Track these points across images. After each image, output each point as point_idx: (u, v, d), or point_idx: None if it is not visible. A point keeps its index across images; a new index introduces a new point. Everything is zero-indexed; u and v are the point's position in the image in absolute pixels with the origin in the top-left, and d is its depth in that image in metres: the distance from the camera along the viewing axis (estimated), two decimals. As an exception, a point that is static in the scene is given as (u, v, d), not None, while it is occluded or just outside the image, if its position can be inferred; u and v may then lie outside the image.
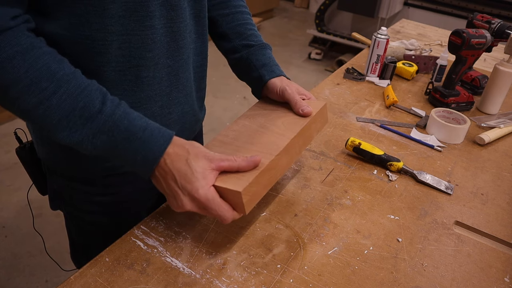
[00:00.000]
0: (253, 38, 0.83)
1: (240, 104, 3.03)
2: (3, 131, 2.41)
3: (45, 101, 0.53)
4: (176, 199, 0.59)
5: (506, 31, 1.16)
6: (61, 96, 0.53)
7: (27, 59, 0.52)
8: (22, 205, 1.93)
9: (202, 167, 0.58)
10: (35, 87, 0.52)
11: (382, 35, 1.27)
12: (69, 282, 0.58)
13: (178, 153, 0.59)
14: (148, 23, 0.61)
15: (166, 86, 0.70)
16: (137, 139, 0.57)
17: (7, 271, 1.62)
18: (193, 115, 0.81)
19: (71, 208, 0.82)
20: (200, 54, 0.77)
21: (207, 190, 0.57)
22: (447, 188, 0.84)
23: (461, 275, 0.66)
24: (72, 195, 0.78)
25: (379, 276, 0.64)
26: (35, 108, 0.53)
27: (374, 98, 1.21)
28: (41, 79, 0.52)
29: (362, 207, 0.78)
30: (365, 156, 0.89)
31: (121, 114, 0.57)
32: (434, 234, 0.74)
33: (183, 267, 0.62)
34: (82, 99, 0.55)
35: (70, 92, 0.54)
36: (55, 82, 0.53)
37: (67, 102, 0.54)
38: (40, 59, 0.53)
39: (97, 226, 0.82)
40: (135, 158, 0.58)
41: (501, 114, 1.17)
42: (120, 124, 0.56)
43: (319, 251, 0.67)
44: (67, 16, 0.56)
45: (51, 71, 0.53)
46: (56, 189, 0.80)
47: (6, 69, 0.51)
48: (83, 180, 0.76)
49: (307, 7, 5.48)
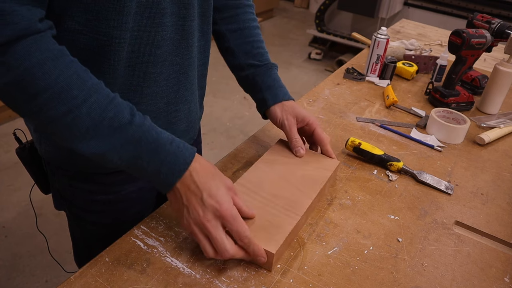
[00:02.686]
0: (259, 57, 0.84)
1: (240, 104, 3.02)
2: (3, 131, 2.41)
3: (75, 110, 0.52)
4: (193, 212, 0.57)
5: (506, 31, 1.16)
6: (92, 105, 0.53)
7: (57, 65, 0.51)
8: (22, 205, 1.93)
9: (224, 185, 0.59)
10: (66, 95, 0.51)
11: (382, 35, 1.27)
12: (69, 282, 0.58)
13: (204, 168, 0.59)
14: (159, 20, 0.62)
15: (173, 83, 0.71)
16: (164, 151, 0.57)
17: (7, 271, 1.62)
18: (196, 113, 0.82)
19: (74, 208, 0.82)
20: (204, 53, 0.77)
21: (232, 206, 0.58)
22: (447, 188, 0.84)
23: (461, 275, 0.66)
24: (75, 194, 0.78)
25: (379, 276, 0.64)
26: (64, 116, 0.52)
27: (374, 98, 1.21)
28: (72, 87, 0.51)
29: (362, 207, 0.78)
30: (365, 156, 0.89)
31: (150, 126, 0.57)
32: (434, 234, 0.74)
33: (183, 267, 0.62)
34: (112, 109, 0.54)
35: (100, 101, 0.53)
36: (85, 90, 0.52)
37: (97, 112, 0.53)
38: (70, 66, 0.52)
39: (99, 226, 0.82)
40: (160, 170, 0.57)
41: (501, 114, 1.17)
42: (149, 136, 0.56)
43: (319, 251, 0.67)
44: (84, 13, 0.56)
45: (81, 79, 0.53)
46: (59, 189, 0.80)
47: (37, 75, 0.49)
48: (85, 178, 0.76)
49: (307, 7, 5.49)
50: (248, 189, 0.72)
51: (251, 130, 2.67)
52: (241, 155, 0.89)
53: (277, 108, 0.81)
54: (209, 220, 0.57)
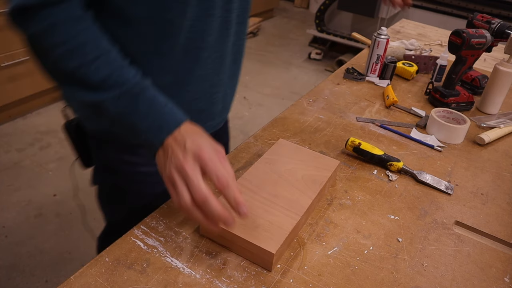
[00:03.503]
0: None
1: (240, 104, 3.03)
2: (3, 131, 2.41)
3: (87, 64, 0.59)
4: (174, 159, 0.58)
5: (506, 31, 1.16)
6: (102, 62, 0.60)
7: (78, 25, 0.58)
8: (22, 205, 1.93)
9: (211, 144, 0.61)
10: (81, 50, 0.58)
11: (382, 35, 1.27)
12: (69, 282, 0.58)
13: (195, 129, 0.63)
14: (211, 12, 0.71)
15: (216, 67, 0.79)
16: (158, 110, 0.62)
17: (7, 271, 1.62)
18: (229, 96, 0.91)
19: (118, 179, 0.87)
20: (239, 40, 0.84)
21: (213, 153, 0.59)
22: (447, 188, 0.84)
23: (461, 275, 0.66)
24: (120, 165, 0.84)
25: (379, 276, 0.64)
26: (75, 70, 0.59)
27: (374, 98, 1.21)
28: (87, 44, 0.59)
29: (362, 207, 0.78)
30: (365, 156, 0.89)
31: (149, 85, 0.63)
32: (434, 234, 0.74)
33: (183, 267, 0.62)
34: (120, 68, 0.61)
35: (111, 60, 0.61)
36: (98, 49, 0.60)
37: (106, 69, 0.60)
38: (89, 29, 0.60)
39: (140, 197, 0.87)
40: (150, 128, 0.61)
41: (501, 114, 1.17)
42: (147, 92, 0.62)
43: (319, 251, 0.67)
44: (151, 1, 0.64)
45: (97, 40, 0.60)
46: (104, 161, 0.86)
47: (57, 31, 0.57)
48: (130, 151, 0.82)
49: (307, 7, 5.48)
50: (248, 189, 0.72)
51: (251, 130, 2.66)
52: (241, 155, 0.89)
53: None
54: (188, 162, 0.57)
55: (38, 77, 2.49)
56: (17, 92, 2.43)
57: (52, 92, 2.69)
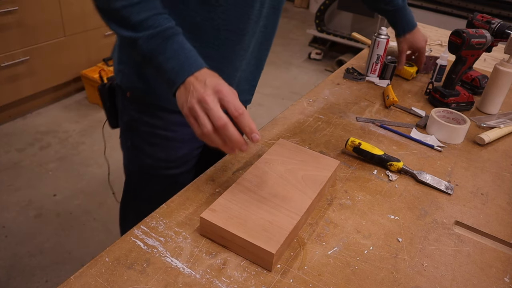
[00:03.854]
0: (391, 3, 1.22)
1: (240, 104, 3.02)
2: (3, 131, 2.41)
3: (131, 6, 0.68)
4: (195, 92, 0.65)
5: (506, 31, 1.16)
6: (144, 6, 0.69)
7: None
8: (22, 205, 1.93)
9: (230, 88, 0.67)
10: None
11: (382, 35, 1.27)
12: (69, 282, 0.58)
13: (213, 73, 0.69)
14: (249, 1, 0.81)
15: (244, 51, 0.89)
16: (184, 53, 0.70)
17: (7, 271, 1.62)
18: (248, 83, 1.00)
19: (136, 139, 0.97)
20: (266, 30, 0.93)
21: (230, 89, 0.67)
22: (447, 188, 0.84)
23: (461, 275, 0.66)
24: (140, 127, 0.94)
25: (379, 276, 0.64)
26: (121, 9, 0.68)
27: (374, 98, 1.21)
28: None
29: (362, 207, 0.78)
30: (365, 156, 0.89)
31: (180, 32, 0.71)
32: (434, 234, 0.74)
33: (183, 267, 0.62)
34: (158, 14, 0.70)
35: (152, 5, 0.70)
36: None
37: (147, 11, 0.69)
38: None
39: (154, 159, 0.97)
40: (175, 65, 0.68)
41: (501, 114, 1.17)
42: (176, 37, 0.70)
43: (319, 251, 0.67)
44: None
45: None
46: (127, 121, 0.96)
47: None
48: (152, 113, 0.91)
49: (307, 7, 5.49)
50: (248, 189, 0.72)
51: (251, 130, 2.66)
52: (241, 155, 0.89)
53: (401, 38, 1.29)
54: (209, 94, 0.64)
55: (38, 77, 2.49)
56: (17, 92, 2.43)
57: (52, 92, 2.69)
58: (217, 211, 0.66)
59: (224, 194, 0.70)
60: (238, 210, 0.67)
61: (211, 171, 0.83)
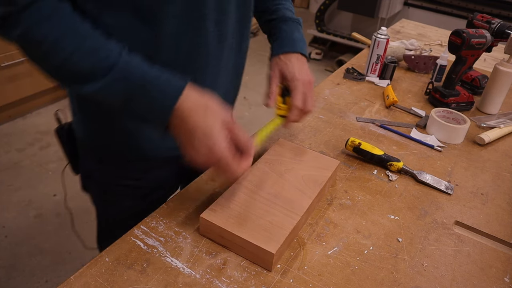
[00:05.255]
0: (276, 12, 0.88)
1: (240, 104, 3.02)
2: (3, 131, 2.41)
3: (70, 57, 0.57)
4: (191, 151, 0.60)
5: (506, 31, 1.16)
6: (85, 50, 0.57)
7: (53, 20, 0.56)
8: (22, 205, 1.93)
9: (218, 123, 0.60)
10: (62, 43, 0.56)
11: (382, 35, 1.27)
12: (69, 282, 0.58)
13: (193, 106, 0.59)
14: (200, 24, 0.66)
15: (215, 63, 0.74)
16: (153, 86, 0.59)
17: (7, 271, 1.62)
18: (234, 95, 0.88)
19: (100, 189, 0.86)
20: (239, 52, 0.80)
21: (223, 147, 0.59)
22: (447, 188, 0.84)
23: (461, 275, 0.66)
24: (102, 176, 0.83)
25: (379, 276, 0.64)
26: (63, 63, 0.57)
27: (374, 98, 1.21)
28: (66, 35, 0.56)
29: (362, 207, 0.78)
30: (365, 156, 0.89)
31: (138, 62, 0.59)
32: (434, 234, 0.73)
33: (183, 267, 0.62)
34: (104, 52, 0.58)
35: (93, 45, 0.58)
36: (78, 37, 0.57)
37: (91, 55, 0.57)
38: (64, 19, 0.57)
39: (122, 209, 0.86)
40: (152, 106, 0.59)
41: (501, 114, 1.17)
42: (135, 71, 0.58)
43: (319, 251, 0.67)
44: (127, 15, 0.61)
45: (75, 28, 0.57)
46: (87, 169, 0.85)
47: (36, 31, 0.55)
48: (115, 162, 0.81)
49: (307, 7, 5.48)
50: (248, 189, 0.72)
51: (251, 130, 2.66)
52: (241, 155, 0.89)
53: (273, 60, 0.83)
54: (206, 158, 0.59)
55: (38, 77, 2.49)
56: (17, 92, 2.43)
57: (52, 92, 2.69)
58: (217, 211, 0.66)
59: (224, 194, 0.70)
60: (238, 210, 0.67)
61: (211, 171, 0.83)
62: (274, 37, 0.86)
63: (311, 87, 0.81)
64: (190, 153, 0.60)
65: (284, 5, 0.89)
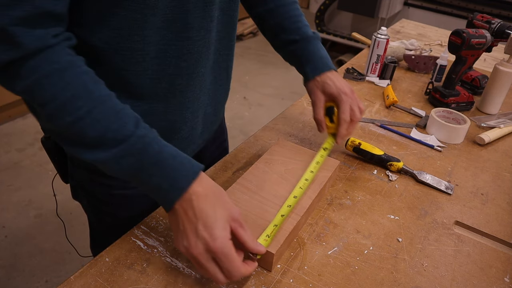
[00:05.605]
0: (297, 32, 0.85)
1: (240, 104, 3.03)
2: (3, 131, 2.41)
3: (79, 121, 0.52)
4: (185, 240, 0.55)
5: (506, 31, 1.16)
6: (96, 117, 0.53)
7: (64, 77, 0.52)
8: (22, 205, 1.93)
9: (225, 217, 0.55)
10: (71, 106, 0.52)
11: (382, 35, 1.27)
12: (69, 282, 0.58)
13: (206, 193, 0.56)
14: (185, 35, 0.63)
15: (197, 92, 0.72)
16: (166, 166, 0.55)
17: (7, 271, 1.62)
18: (214, 115, 0.83)
19: (92, 199, 0.83)
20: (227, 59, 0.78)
21: (226, 242, 0.53)
22: (447, 188, 0.84)
23: (461, 275, 0.66)
24: (93, 186, 0.80)
25: (379, 276, 0.64)
26: (70, 126, 0.53)
27: (374, 98, 1.21)
28: (77, 98, 0.52)
29: (362, 207, 0.78)
30: (365, 156, 0.89)
31: (153, 138, 0.56)
32: (434, 234, 0.74)
33: (183, 267, 0.62)
34: (117, 121, 0.54)
35: (105, 113, 0.53)
36: (91, 101, 0.53)
37: (102, 123, 0.53)
38: (78, 78, 0.53)
39: (116, 218, 0.83)
40: (160, 186, 0.55)
41: (501, 114, 1.17)
42: (150, 148, 0.55)
43: (319, 251, 0.67)
44: (106, 29, 0.57)
45: (88, 90, 0.53)
46: (78, 180, 0.82)
47: (44, 86, 0.51)
48: (105, 173, 0.77)
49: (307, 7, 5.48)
50: (248, 189, 0.72)
51: (251, 130, 2.66)
52: (241, 155, 0.89)
53: (311, 84, 0.85)
54: (201, 253, 0.53)
55: (38, 77, 2.49)
56: (17, 92, 2.43)
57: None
58: None
59: None
60: None
61: (211, 171, 0.83)
62: (302, 59, 0.85)
63: (355, 96, 0.83)
64: (185, 241, 0.54)
65: (303, 21, 0.87)
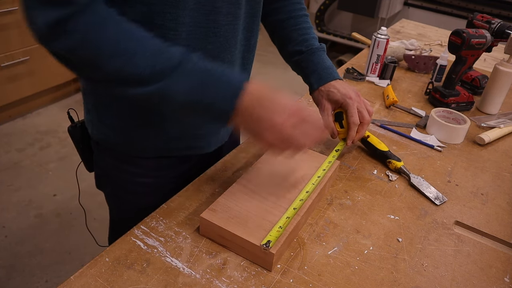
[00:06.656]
0: (303, 43, 0.89)
1: (240, 104, 3.02)
2: (3, 131, 2.41)
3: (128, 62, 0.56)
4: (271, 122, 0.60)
5: (506, 31, 1.16)
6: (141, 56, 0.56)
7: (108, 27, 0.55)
8: (22, 205, 1.93)
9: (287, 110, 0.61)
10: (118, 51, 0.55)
11: (382, 35, 1.27)
12: (69, 282, 0.58)
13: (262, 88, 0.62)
14: (212, 17, 0.67)
15: None
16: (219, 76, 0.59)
17: (7, 271, 1.62)
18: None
19: (115, 187, 0.87)
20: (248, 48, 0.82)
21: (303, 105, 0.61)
22: (436, 199, 0.81)
23: (461, 275, 0.66)
24: (117, 174, 0.84)
25: (379, 276, 0.64)
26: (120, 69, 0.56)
27: (374, 98, 1.21)
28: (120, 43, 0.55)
29: (362, 207, 0.78)
30: (370, 149, 0.90)
31: (200, 58, 0.60)
32: (434, 234, 0.74)
33: (183, 267, 0.62)
34: (164, 53, 0.58)
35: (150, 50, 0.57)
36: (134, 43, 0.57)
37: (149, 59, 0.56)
38: (119, 24, 0.56)
39: (137, 206, 0.84)
40: (218, 95, 0.59)
41: (501, 114, 1.17)
42: (199, 66, 0.59)
43: (319, 251, 0.67)
44: (140, 4, 0.61)
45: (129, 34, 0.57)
46: (103, 168, 0.86)
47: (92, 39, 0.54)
48: (129, 161, 0.81)
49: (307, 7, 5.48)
50: (248, 189, 0.72)
51: (251, 130, 2.66)
52: (241, 155, 0.89)
53: (316, 94, 0.89)
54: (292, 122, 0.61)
55: (38, 77, 2.49)
56: (17, 92, 2.43)
57: (52, 92, 2.69)
58: (217, 211, 0.66)
59: (224, 194, 0.70)
60: (238, 210, 0.67)
61: (211, 171, 0.83)
62: (307, 70, 0.89)
63: (361, 99, 0.85)
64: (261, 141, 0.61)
65: (310, 34, 0.91)
